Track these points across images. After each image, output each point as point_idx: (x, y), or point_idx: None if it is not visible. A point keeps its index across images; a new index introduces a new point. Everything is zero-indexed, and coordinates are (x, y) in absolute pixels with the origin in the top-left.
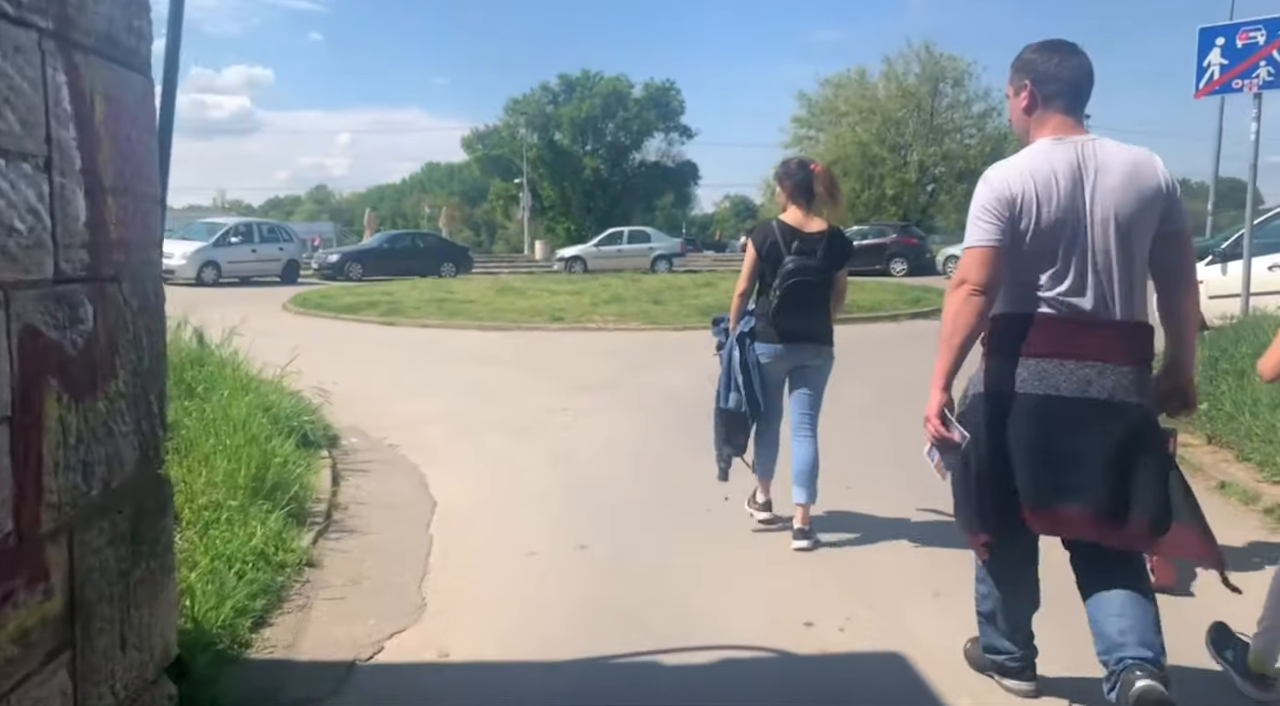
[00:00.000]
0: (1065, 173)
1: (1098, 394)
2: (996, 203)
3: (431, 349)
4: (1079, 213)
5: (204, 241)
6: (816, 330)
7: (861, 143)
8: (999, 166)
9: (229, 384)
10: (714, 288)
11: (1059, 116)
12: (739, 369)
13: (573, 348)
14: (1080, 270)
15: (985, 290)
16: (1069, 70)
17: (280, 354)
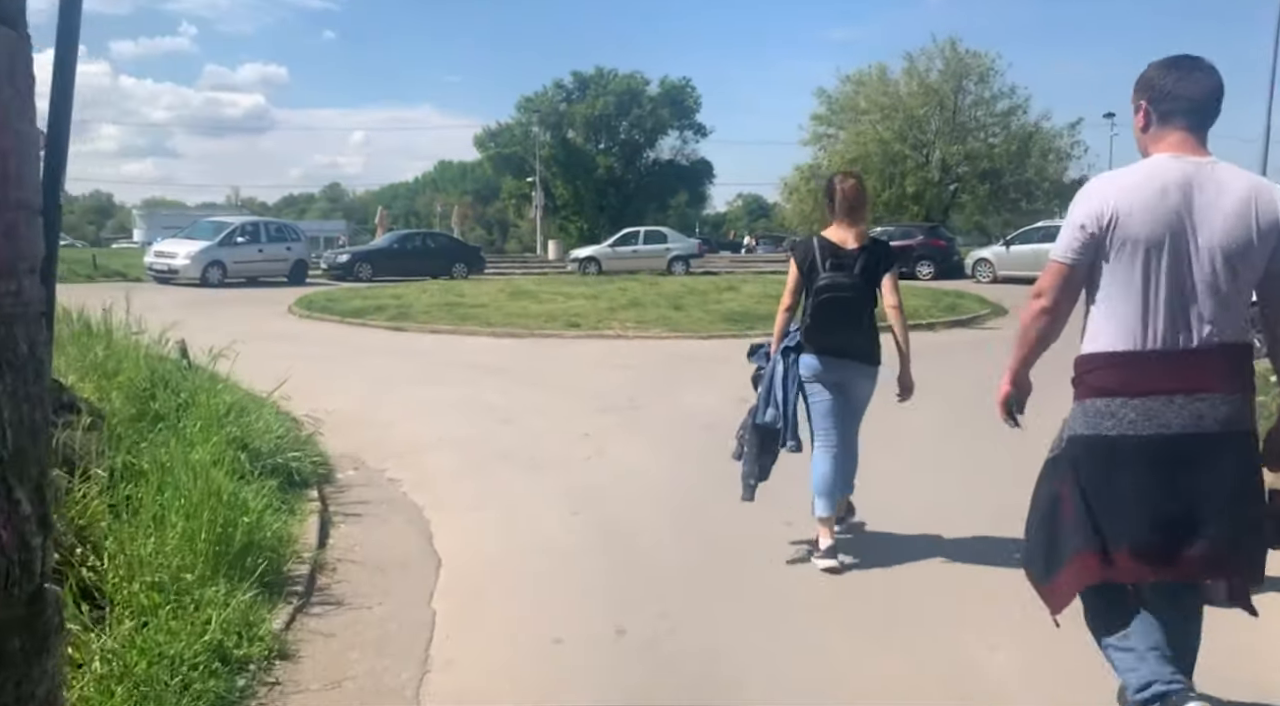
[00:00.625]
0: (1173, 193)
1: (1211, 427)
2: (1086, 216)
3: (440, 358)
4: (1183, 237)
5: (209, 241)
6: (855, 347)
7: (883, 140)
8: (1099, 177)
9: (202, 413)
10: (737, 292)
11: (1177, 134)
12: (780, 384)
13: (591, 358)
14: (1181, 298)
15: (1053, 310)
16: (1188, 87)
17: (279, 365)
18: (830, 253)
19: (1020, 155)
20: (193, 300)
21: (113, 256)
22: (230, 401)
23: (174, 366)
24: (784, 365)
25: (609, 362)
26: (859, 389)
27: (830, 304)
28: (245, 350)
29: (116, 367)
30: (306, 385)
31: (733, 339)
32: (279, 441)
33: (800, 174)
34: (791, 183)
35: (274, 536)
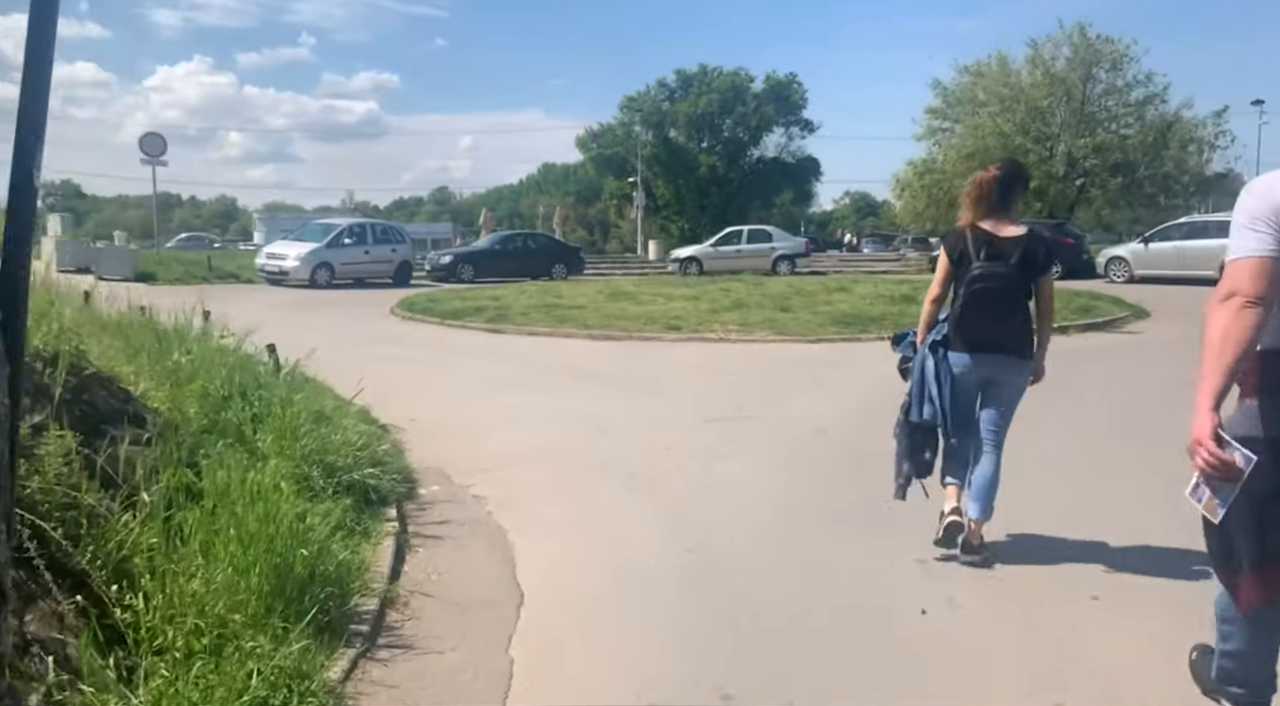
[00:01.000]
0: None
1: None
2: (1266, 210)
3: (536, 362)
4: None
5: (318, 243)
6: (1006, 341)
7: (1002, 134)
8: (1269, 173)
9: (276, 425)
10: (848, 293)
11: None
12: (933, 379)
13: (692, 363)
14: None
15: (1261, 301)
16: None
17: (374, 368)
18: (985, 242)
19: (1157, 147)
20: (298, 302)
21: (229, 258)
22: (312, 409)
23: (258, 372)
24: (934, 359)
25: (711, 368)
26: (1009, 386)
27: (983, 295)
28: (342, 352)
29: (193, 374)
30: (399, 389)
31: (844, 343)
32: (359, 455)
33: (913, 169)
34: (904, 178)
35: (341, 566)
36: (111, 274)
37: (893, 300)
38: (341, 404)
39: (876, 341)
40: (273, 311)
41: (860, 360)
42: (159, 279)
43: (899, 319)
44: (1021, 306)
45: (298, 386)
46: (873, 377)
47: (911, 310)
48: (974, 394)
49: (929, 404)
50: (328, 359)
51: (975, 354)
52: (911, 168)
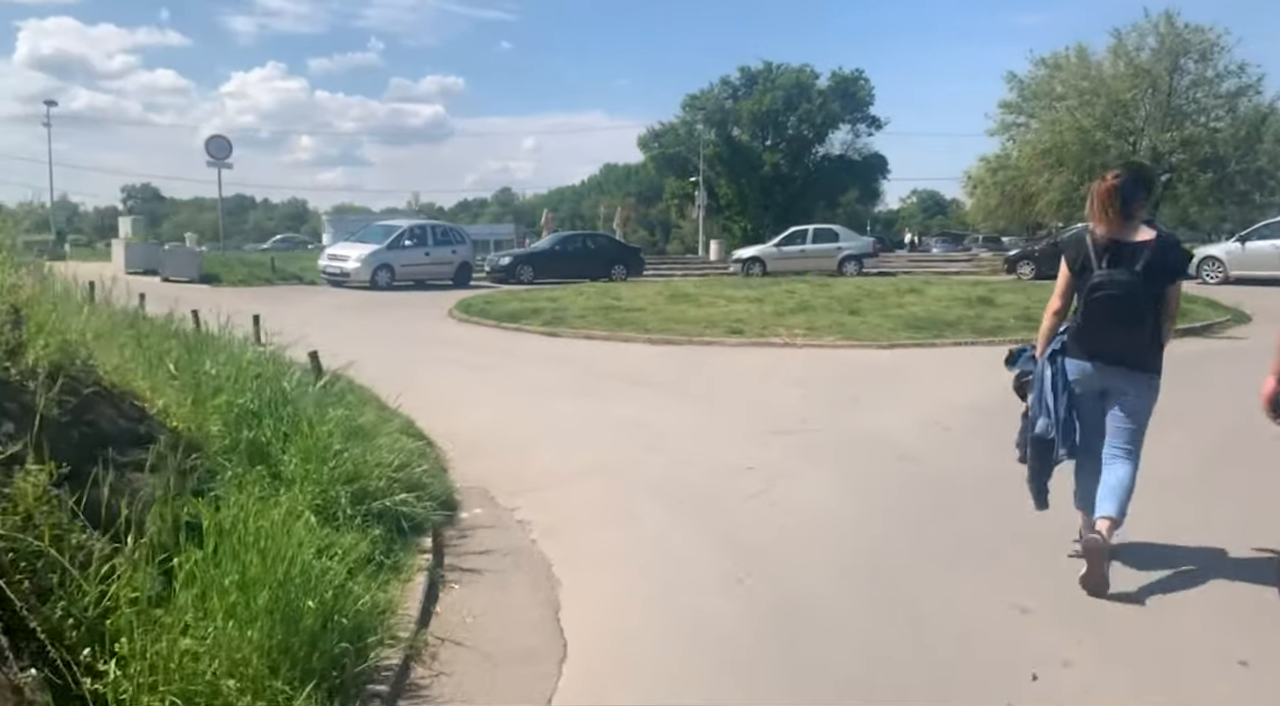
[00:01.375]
0: None
1: None
2: None
3: (591, 367)
4: None
5: (379, 244)
6: (1129, 353)
7: (1082, 128)
8: None
9: (305, 443)
10: (920, 295)
11: None
12: (1049, 391)
13: (755, 369)
14: None
15: None
16: None
17: (425, 373)
18: (1106, 248)
19: (1250, 141)
20: (357, 304)
21: (293, 260)
22: (348, 425)
23: (293, 383)
24: (1052, 370)
25: (776, 375)
26: (1134, 396)
27: (1105, 303)
28: (395, 356)
29: (219, 387)
30: (449, 397)
31: (918, 349)
32: (395, 476)
33: (986, 166)
34: (976, 175)
35: (362, 611)
36: (177, 275)
37: (969, 303)
38: (386, 415)
39: (954, 347)
40: (330, 314)
41: (939, 368)
42: (223, 280)
43: (976, 323)
44: (1146, 316)
45: (337, 397)
46: (954, 389)
47: (990, 314)
48: (1095, 405)
49: (1044, 417)
50: (380, 363)
51: (1095, 362)
52: (984, 164)
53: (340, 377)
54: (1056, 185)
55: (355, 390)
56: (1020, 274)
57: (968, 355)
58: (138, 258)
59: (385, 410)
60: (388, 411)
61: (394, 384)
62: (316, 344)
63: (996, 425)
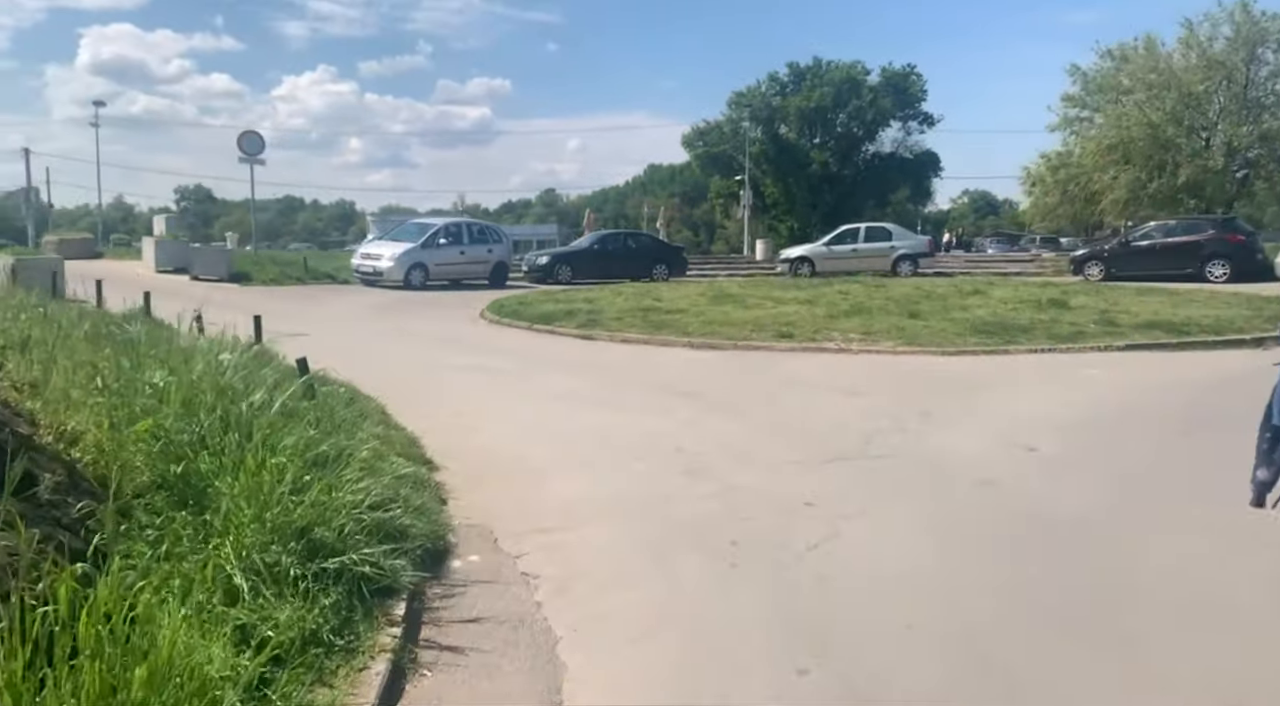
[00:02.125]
0: None
1: None
2: None
3: (625, 375)
4: None
5: (412, 243)
6: None
7: (1150, 123)
8: None
9: (247, 484)
10: (985, 296)
11: None
12: None
13: (807, 378)
14: None
15: None
16: None
17: (444, 382)
18: None
19: None
20: (387, 304)
21: (327, 259)
22: (311, 452)
23: (268, 392)
24: None
25: (832, 385)
26: None
27: None
28: (418, 361)
29: (152, 406)
30: (465, 408)
31: (989, 356)
32: (368, 518)
33: (1046, 162)
34: (1035, 173)
35: None
36: (206, 274)
37: (1039, 305)
38: (387, 431)
39: (1029, 354)
40: (356, 314)
41: (1015, 378)
42: (253, 279)
43: (1051, 328)
44: None
45: (323, 412)
46: (1035, 402)
47: (1065, 318)
48: None
49: None
50: (398, 368)
51: None
52: (1044, 161)
53: (345, 386)
54: (1123, 182)
55: (359, 400)
56: (1088, 275)
57: (1046, 364)
58: (168, 256)
59: (389, 424)
60: (391, 426)
61: (408, 392)
62: (333, 347)
63: (1090, 445)
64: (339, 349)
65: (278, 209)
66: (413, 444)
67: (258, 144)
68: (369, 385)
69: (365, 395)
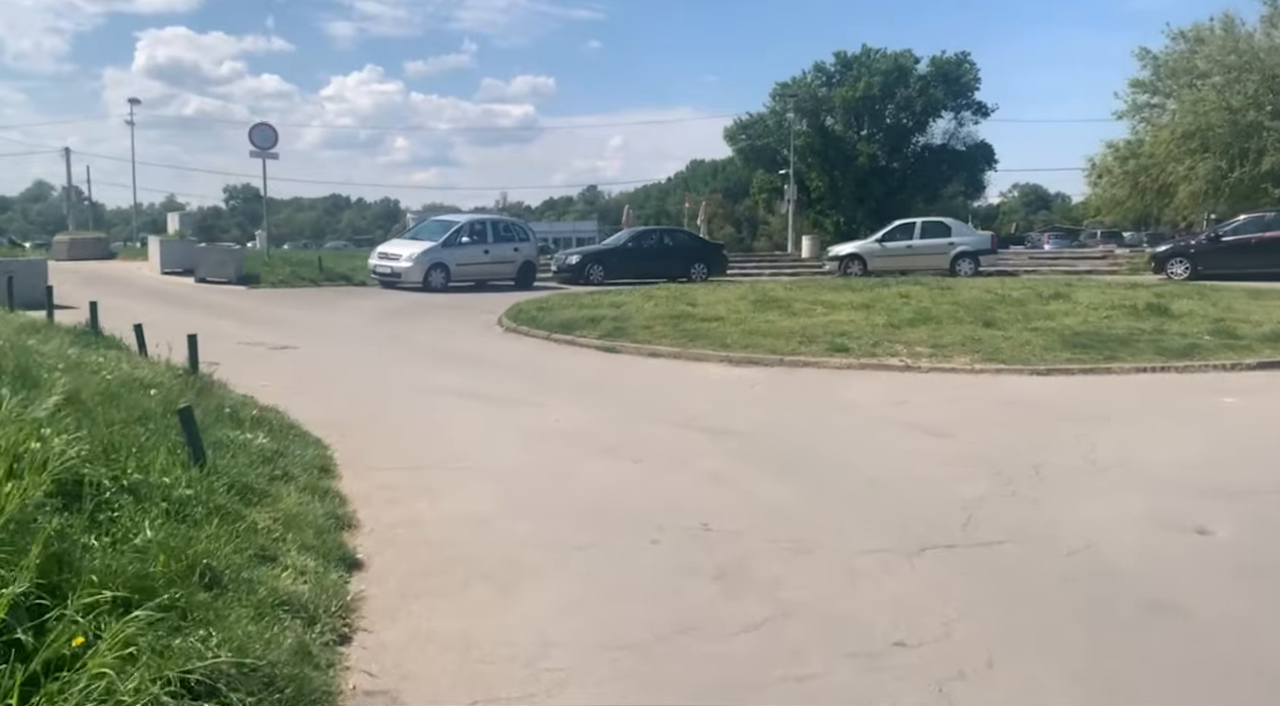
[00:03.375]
0: None
1: None
2: None
3: (651, 400)
4: None
5: (433, 241)
6: None
7: (1230, 108)
8: None
9: None
10: (1068, 301)
11: None
12: None
13: (871, 406)
14: None
15: None
16: None
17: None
18: None
19: None
20: (398, 309)
21: (344, 259)
22: (152, 567)
23: None
24: None
25: (903, 417)
26: None
27: None
28: (406, 382)
29: None
30: (435, 456)
31: (1088, 376)
32: None
33: (1113, 152)
34: (1101, 163)
35: None
36: (213, 276)
37: (1135, 312)
38: (305, 505)
39: (1138, 374)
40: (360, 322)
41: (1133, 409)
42: (262, 282)
43: (1158, 341)
44: None
45: (204, 488)
46: (1178, 446)
47: (1171, 328)
48: None
49: None
50: (380, 391)
51: None
52: (1111, 150)
53: (293, 426)
54: (1201, 173)
55: (295, 449)
56: (1171, 273)
57: (1163, 387)
58: (174, 257)
59: (317, 489)
60: (320, 491)
61: (374, 431)
62: (315, 365)
63: None
64: (321, 368)
65: (324, 207)
66: (338, 523)
67: (270, 137)
68: (333, 420)
69: (314, 438)
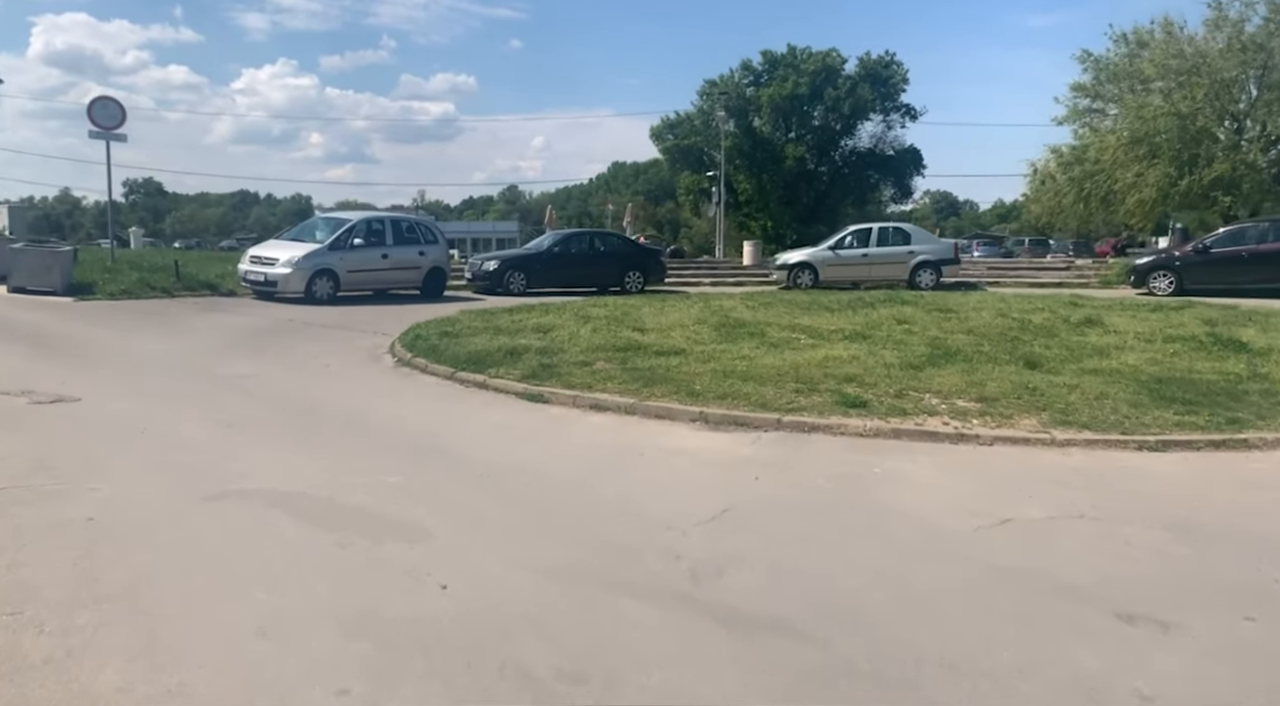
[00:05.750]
0: None
1: None
2: None
3: (603, 510)
4: None
5: (317, 244)
6: None
7: (1179, 115)
8: None
9: None
10: (1104, 329)
11: None
12: None
13: (956, 529)
14: None
15: None
16: None
17: (179, 562)
18: None
19: None
20: (258, 331)
21: (212, 263)
22: None
23: None
24: None
25: (1032, 563)
26: None
27: None
28: (204, 477)
29: None
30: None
31: (1231, 452)
32: None
33: (1057, 158)
34: (1044, 169)
35: None
36: (33, 284)
37: (1200, 345)
38: None
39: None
40: (198, 349)
41: None
42: (98, 292)
43: (1270, 390)
44: None
45: None
46: None
47: (1271, 370)
48: None
49: None
50: (145, 502)
51: None
52: (1055, 156)
53: None
54: (1150, 180)
55: None
56: (1154, 288)
57: None
58: None
59: None
60: None
61: (83, 614)
62: (91, 425)
63: None
64: (85, 442)
65: (231, 203)
66: None
67: (115, 114)
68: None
69: None
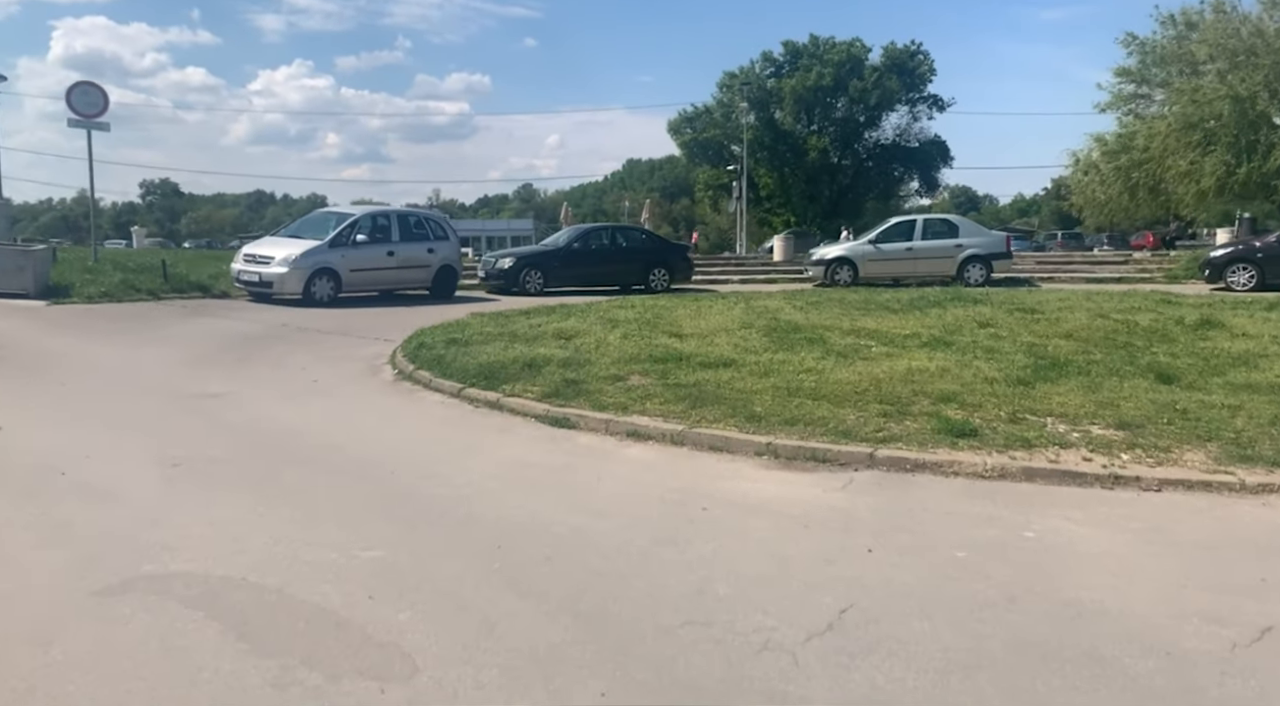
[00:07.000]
0: None
1: None
2: None
3: (660, 607)
4: None
5: (317, 240)
6: None
7: (1237, 98)
8: None
9: None
10: (1229, 332)
11: None
12: None
13: (1121, 597)
14: None
15: None
16: None
17: None
18: None
19: None
20: (245, 338)
21: (204, 263)
22: None
23: None
24: None
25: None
26: None
27: None
28: (115, 558)
29: None
30: None
31: None
32: None
33: (1101, 146)
34: (1086, 159)
35: None
36: (5, 286)
37: None
38: None
39: None
40: (181, 359)
41: None
42: (75, 294)
43: None
44: None
45: None
46: None
47: None
48: None
49: None
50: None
51: None
52: (1099, 144)
53: None
54: (1208, 168)
55: None
56: (1231, 283)
57: None
58: None
59: None
60: None
61: None
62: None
63: None
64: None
65: (247, 203)
66: None
67: (97, 102)
68: None
69: None
